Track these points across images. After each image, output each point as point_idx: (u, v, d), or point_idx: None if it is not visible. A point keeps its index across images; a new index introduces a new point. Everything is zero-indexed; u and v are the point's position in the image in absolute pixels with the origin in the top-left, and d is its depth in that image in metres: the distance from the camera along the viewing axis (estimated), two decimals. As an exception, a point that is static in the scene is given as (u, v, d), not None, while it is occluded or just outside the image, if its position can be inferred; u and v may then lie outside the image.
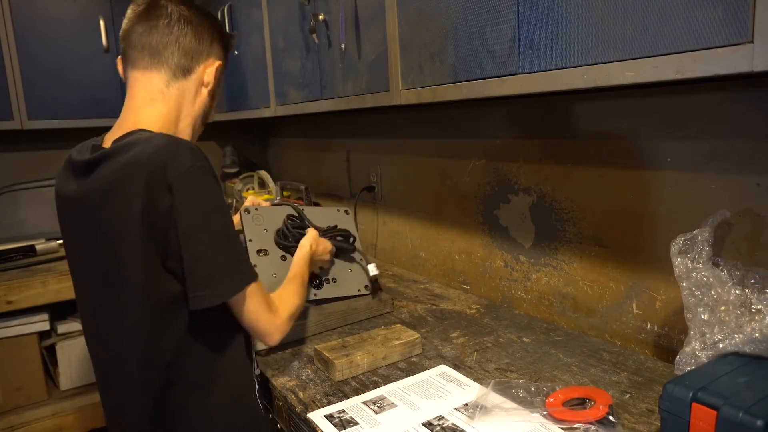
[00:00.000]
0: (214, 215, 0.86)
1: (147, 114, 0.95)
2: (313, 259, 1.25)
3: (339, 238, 1.39)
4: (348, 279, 1.40)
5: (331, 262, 1.38)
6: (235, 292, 0.88)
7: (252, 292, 0.90)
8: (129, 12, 0.97)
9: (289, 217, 1.37)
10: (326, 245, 1.32)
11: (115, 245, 0.87)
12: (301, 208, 1.44)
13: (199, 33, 0.97)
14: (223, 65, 1.04)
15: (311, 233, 1.28)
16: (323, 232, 1.36)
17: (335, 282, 1.38)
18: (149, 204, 0.81)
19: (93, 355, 0.99)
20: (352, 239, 1.42)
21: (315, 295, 1.33)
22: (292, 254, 1.25)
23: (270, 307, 0.95)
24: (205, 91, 1.01)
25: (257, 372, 1.09)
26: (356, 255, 1.46)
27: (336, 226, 1.42)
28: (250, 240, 1.31)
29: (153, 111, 0.95)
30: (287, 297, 1.04)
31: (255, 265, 1.29)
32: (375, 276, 1.42)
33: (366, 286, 1.42)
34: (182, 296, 0.87)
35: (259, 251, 1.31)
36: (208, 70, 1.00)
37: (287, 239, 1.32)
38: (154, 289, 0.87)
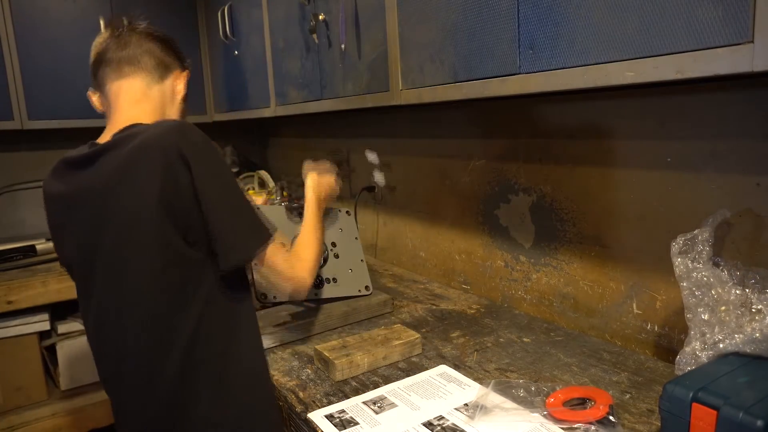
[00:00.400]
0: (230, 182, 0.93)
1: (136, 112, 0.99)
2: (320, 199, 1.28)
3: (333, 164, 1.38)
4: (348, 279, 1.41)
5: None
6: (261, 244, 0.93)
7: (276, 245, 0.96)
8: (97, 41, 1.04)
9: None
10: (328, 180, 1.33)
11: (125, 233, 0.88)
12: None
13: (165, 47, 1.06)
14: (186, 76, 1.11)
15: (309, 178, 1.30)
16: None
17: (335, 282, 1.38)
18: (168, 182, 0.85)
19: (96, 354, 1.00)
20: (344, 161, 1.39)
21: (315, 295, 1.34)
22: None
23: (294, 256, 1.02)
24: (179, 98, 1.08)
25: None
26: (358, 255, 1.46)
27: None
28: None
29: (141, 110, 1.00)
30: (307, 244, 1.10)
31: (255, 264, 1.30)
32: (378, 167, 1.39)
33: (366, 287, 1.42)
34: (194, 278, 0.90)
35: None
36: (179, 80, 1.08)
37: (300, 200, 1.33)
38: (166, 274, 0.89)
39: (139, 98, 1.01)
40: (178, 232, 0.87)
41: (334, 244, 1.44)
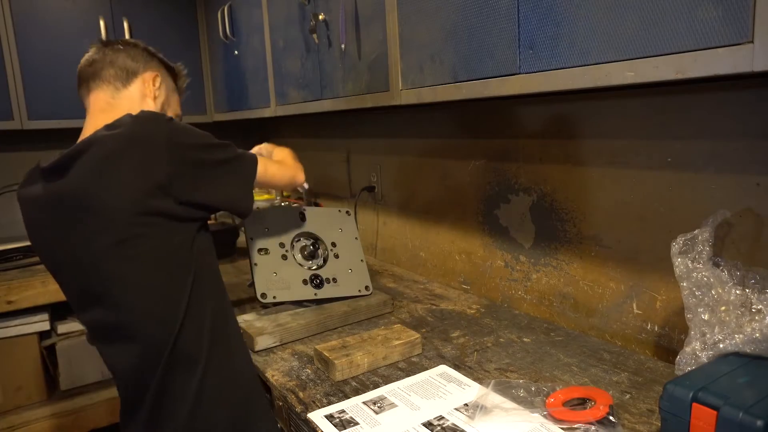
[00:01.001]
0: (206, 153, 0.96)
1: (103, 120, 0.99)
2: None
3: None
4: (348, 279, 1.41)
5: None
6: (254, 173, 1.05)
7: (262, 164, 1.09)
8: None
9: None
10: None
11: (113, 232, 0.89)
12: (303, 208, 1.45)
13: (132, 55, 1.10)
14: (161, 78, 1.14)
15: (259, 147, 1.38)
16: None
17: (335, 282, 1.38)
18: (147, 176, 0.87)
19: (102, 353, 1.02)
20: None
21: (315, 294, 1.34)
22: None
23: (280, 165, 1.19)
24: (150, 101, 1.11)
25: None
26: (358, 255, 1.46)
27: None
28: (251, 239, 1.31)
29: (108, 118, 0.99)
30: (281, 154, 1.29)
31: (256, 264, 1.30)
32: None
33: (366, 287, 1.42)
34: (183, 270, 0.94)
35: (260, 250, 1.32)
36: (147, 82, 1.10)
37: None
38: (157, 268, 0.92)
39: (105, 107, 1.05)
40: (167, 219, 0.91)
41: (334, 244, 1.43)
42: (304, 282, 1.34)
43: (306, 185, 1.34)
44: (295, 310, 1.33)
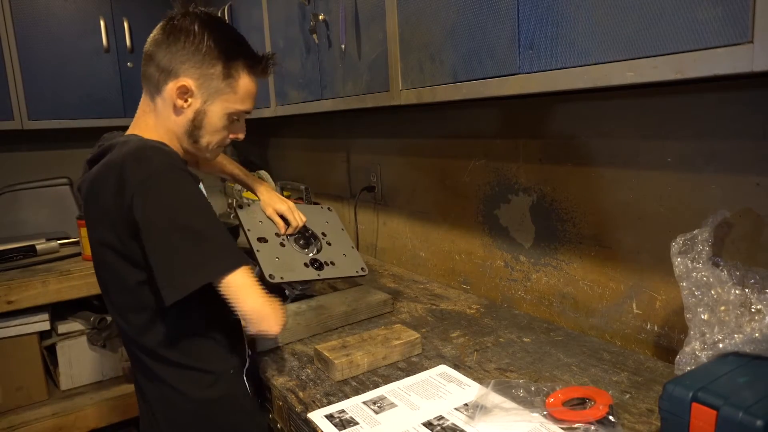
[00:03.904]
0: (178, 217, 0.85)
1: (141, 122, 1.02)
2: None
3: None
4: (345, 262, 1.43)
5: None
6: (215, 275, 0.85)
7: (239, 275, 0.87)
8: None
9: None
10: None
11: (97, 246, 0.96)
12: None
13: (173, 51, 0.94)
14: (198, 88, 0.96)
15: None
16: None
17: (334, 265, 1.40)
18: (115, 213, 0.87)
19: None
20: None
21: (318, 275, 1.35)
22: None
23: (264, 293, 0.90)
24: (169, 111, 0.98)
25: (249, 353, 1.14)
26: (348, 243, 1.48)
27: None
28: (248, 230, 1.34)
29: (144, 121, 1.02)
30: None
31: (258, 250, 1.30)
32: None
33: (362, 268, 1.43)
34: (148, 282, 0.93)
35: (259, 239, 1.34)
36: (173, 90, 0.95)
37: None
38: (122, 280, 0.94)
39: (145, 109, 1.02)
40: (122, 258, 0.91)
41: (324, 234, 1.46)
42: (306, 265, 1.35)
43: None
44: (295, 309, 1.33)
